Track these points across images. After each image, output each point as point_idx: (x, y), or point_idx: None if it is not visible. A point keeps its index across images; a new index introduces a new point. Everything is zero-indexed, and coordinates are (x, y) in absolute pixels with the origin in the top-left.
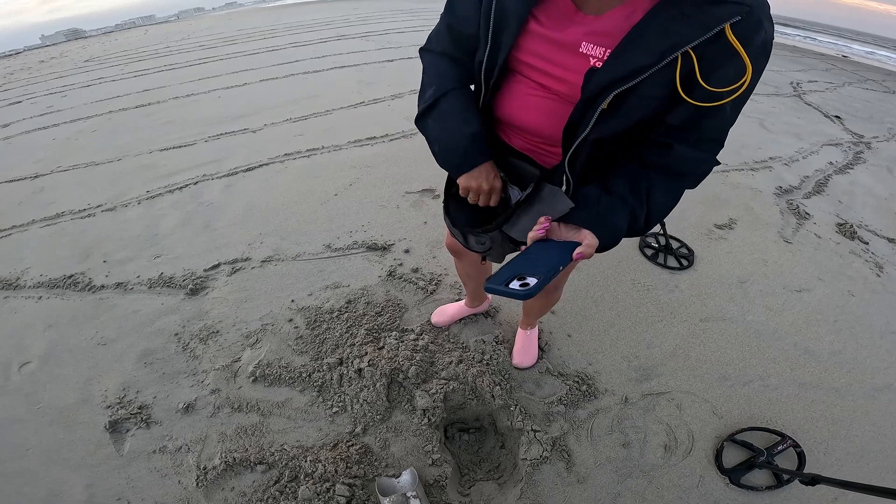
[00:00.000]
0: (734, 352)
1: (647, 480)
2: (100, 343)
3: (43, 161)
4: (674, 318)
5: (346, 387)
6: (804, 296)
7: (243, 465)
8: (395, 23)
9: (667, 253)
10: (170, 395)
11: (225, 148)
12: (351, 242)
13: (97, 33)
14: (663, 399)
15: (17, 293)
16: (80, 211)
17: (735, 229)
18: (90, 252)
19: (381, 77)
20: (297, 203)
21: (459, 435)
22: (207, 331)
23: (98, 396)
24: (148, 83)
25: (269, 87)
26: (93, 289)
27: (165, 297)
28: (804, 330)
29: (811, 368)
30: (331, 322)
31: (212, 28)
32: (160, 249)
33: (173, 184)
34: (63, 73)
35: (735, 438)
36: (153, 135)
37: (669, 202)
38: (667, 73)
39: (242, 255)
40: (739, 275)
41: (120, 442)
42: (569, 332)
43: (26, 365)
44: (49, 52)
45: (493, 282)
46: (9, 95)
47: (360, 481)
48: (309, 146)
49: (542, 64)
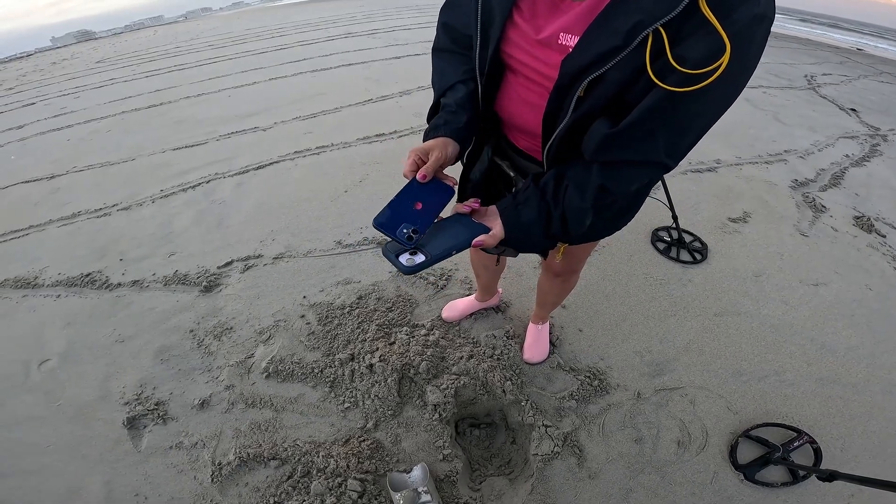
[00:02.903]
0: (749, 346)
1: (659, 476)
2: (117, 340)
3: (58, 161)
4: (687, 313)
5: (357, 382)
6: (821, 290)
7: (257, 460)
8: (401, 20)
9: (680, 247)
10: (185, 392)
11: (236, 146)
12: (361, 238)
13: (107, 34)
14: (676, 394)
15: (35, 292)
16: (96, 210)
17: (749, 223)
18: (106, 250)
19: (388, 74)
20: (307, 200)
21: (470, 430)
22: (221, 327)
23: (116, 393)
24: (159, 83)
25: (278, 86)
26: (110, 287)
27: (180, 294)
28: (821, 324)
29: (828, 363)
30: (342, 318)
31: (220, 28)
32: (174, 247)
33: (186, 182)
34: (75, 75)
35: (750, 434)
36: (165, 134)
37: (583, 204)
38: (639, 55)
39: (254, 253)
40: (754, 269)
41: (138, 438)
42: (580, 326)
43: (46, 363)
44: (60, 54)
45: (388, 247)
46: (22, 97)
47: (371, 476)
48: (318, 143)
49: (526, 58)
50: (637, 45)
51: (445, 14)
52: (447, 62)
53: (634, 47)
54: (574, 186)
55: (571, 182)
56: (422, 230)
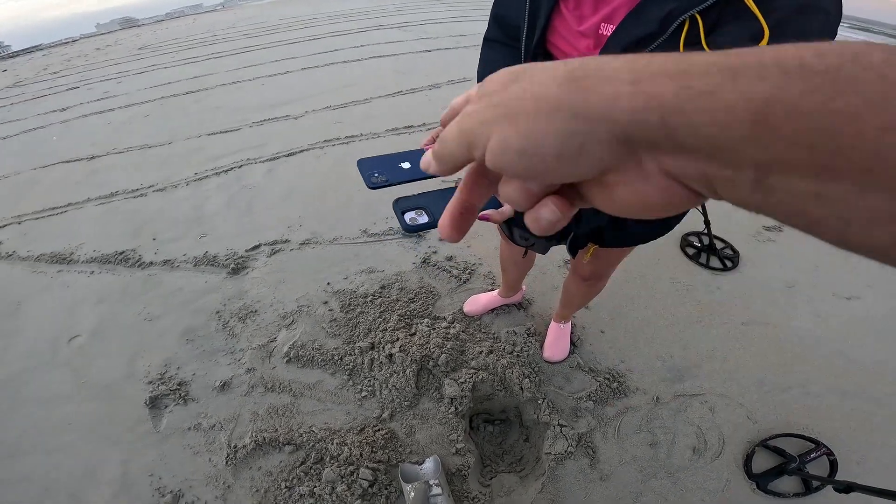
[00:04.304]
0: (775, 357)
1: (671, 481)
2: (146, 319)
3: (99, 143)
4: (713, 320)
5: (376, 371)
6: (853, 303)
7: (272, 444)
8: (432, 13)
9: (710, 253)
10: (208, 373)
11: (267, 133)
12: (387, 228)
13: (149, 21)
14: (696, 401)
15: (70, 267)
16: (133, 191)
17: (785, 232)
18: (141, 230)
19: (417, 67)
20: (335, 188)
21: (484, 426)
22: (246, 310)
23: (141, 372)
24: (197, 70)
25: (310, 76)
26: (142, 265)
27: (209, 275)
28: (850, 338)
29: (853, 377)
30: (364, 306)
31: (255, 17)
32: (205, 229)
33: (219, 167)
34: (118, 61)
35: (768, 444)
36: (201, 120)
37: None
38: (674, 42)
39: (282, 238)
40: (787, 279)
41: (158, 418)
42: (602, 328)
43: (75, 339)
44: (104, 40)
45: (400, 202)
46: (67, 81)
47: (383, 466)
48: (348, 133)
49: (568, 48)
50: (672, 32)
51: (497, 6)
52: (497, 52)
53: (670, 34)
54: None
55: None
56: (391, 181)
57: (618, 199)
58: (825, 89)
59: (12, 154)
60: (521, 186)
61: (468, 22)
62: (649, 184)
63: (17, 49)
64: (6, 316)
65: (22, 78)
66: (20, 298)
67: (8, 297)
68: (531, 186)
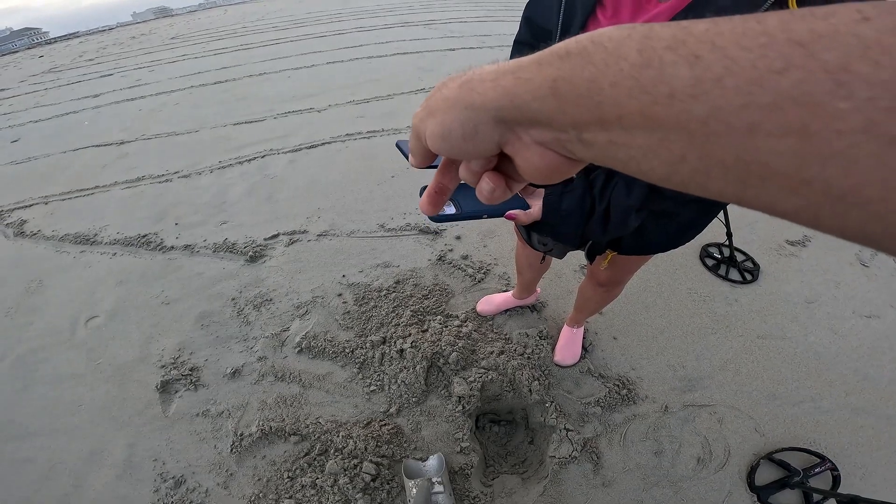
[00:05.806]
0: (789, 371)
1: (673, 491)
2: (164, 302)
3: (129, 129)
4: (729, 332)
5: (386, 366)
6: (873, 322)
7: (278, 434)
8: (458, 12)
9: (730, 265)
10: (220, 360)
11: (291, 125)
12: (404, 224)
13: (183, 12)
14: (705, 411)
15: (93, 248)
16: (159, 176)
17: (808, 247)
18: (164, 214)
19: (441, 65)
20: (354, 182)
21: (490, 426)
22: (261, 298)
23: (155, 355)
24: (226, 61)
25: (334, 70)
26: (163, 249)
27: (227, 262)
28: (867, 356)
29: (867, 394)
30: (378, 300)
31: (284, 10)
32: (227, 216)
33: (243, 156)
34: (151, 49)
35: (773, 457)
36: (228, 109)
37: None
38: None
39: (300, 228)
40: (807, 295)
41: (167, 403)
42: (615, 334)
43: (93, 319)
44: (140, 29)
45: None
46: (101, 68)
47: (387, 461)
48: (370, 128)
49: None
50: None
51: (530, 9)
52: (525, 56)
53: None
54: (623, 183)
55: (622, 179)
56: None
57: (521, 167)
58: (577, 64)
59: (45, 137)
60: (466, 166)
61: (494, 22)
62: (532, 152)
63: (55, 36)
64: (28, 293)
65: (58, 64)
66: (42, 276)
67: (30, 275)
68: (473, 167)
